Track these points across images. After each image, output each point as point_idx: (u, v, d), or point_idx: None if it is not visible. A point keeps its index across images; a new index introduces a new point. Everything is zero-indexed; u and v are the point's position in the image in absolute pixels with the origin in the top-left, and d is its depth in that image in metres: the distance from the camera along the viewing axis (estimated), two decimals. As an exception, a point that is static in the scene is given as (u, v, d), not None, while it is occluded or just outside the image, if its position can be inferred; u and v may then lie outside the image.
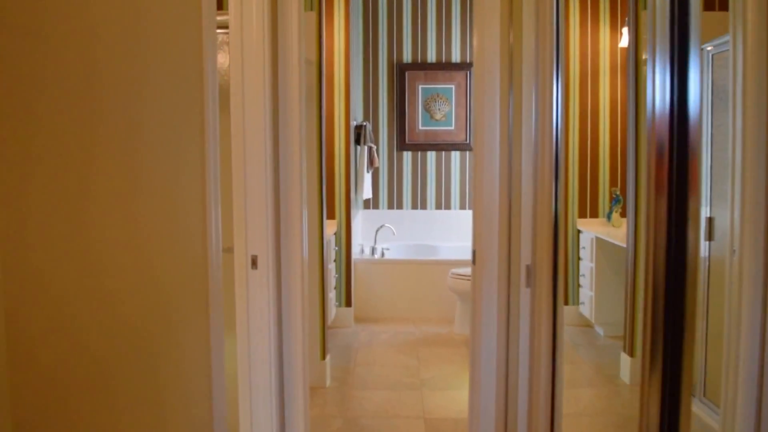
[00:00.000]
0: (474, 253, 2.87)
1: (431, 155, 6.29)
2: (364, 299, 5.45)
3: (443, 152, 6.30)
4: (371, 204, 6.26)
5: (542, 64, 2.19)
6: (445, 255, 6.13)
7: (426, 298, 5.46)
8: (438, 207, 6.30)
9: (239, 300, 2.75)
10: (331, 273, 4.81)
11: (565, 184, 4.56)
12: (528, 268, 2.07)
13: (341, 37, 5.01)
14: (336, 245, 5.10)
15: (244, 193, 2.70)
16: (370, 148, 5.69)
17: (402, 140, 6.28)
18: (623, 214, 4.81)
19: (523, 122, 2.55)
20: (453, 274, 5.01)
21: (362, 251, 5.70)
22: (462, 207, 6.30)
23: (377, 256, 5.65)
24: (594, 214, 5.08)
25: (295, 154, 2.78)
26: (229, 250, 2.76)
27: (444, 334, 5.03)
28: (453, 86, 6.26)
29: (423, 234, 6.28)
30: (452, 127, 6.28)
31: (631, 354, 3.85)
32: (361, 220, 6.18)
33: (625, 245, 4.11)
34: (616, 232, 4.60)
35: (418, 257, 5.99)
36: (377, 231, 5.81)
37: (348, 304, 5.21)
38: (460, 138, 6.29)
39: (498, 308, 2.65)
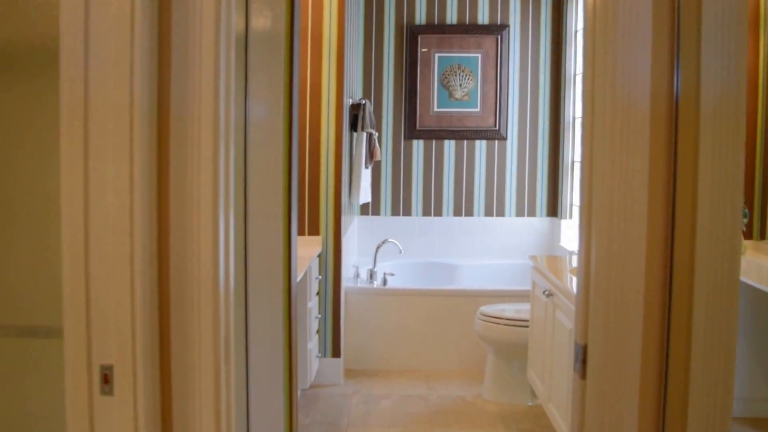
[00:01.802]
0: (582, 351, 1.40)
1: (449, 145, 4.80)
2: (358, 345, 3.98)
3: (465, 141, 4.81)
4: (370, 209, 4.79)
5: None
6: (467, 278, 4.65)
7: (443, 344, 3.99)
8: (457, 213, 4.83)
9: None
10: (311, 314, 3.35)
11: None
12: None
13: (330, -28, 3.51)
14: (319, 273, 3.62)
15: (82, 228, 1.23)
16: (370, 136, 4.21)
17: (412, 125, 4.79)
18: (747, 235, 3.29)
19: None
20: (483, 314, 3.54)
21: (357, 275, 4.22)
22: (488, 213, 4.82)
23: (377, 282, 4.18)
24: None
25: (205, 147, 1.30)
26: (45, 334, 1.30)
27: (470, 400, 3.57)
28: (479, 55, 4.76)
29: (438, 249, 4.81)
30: (477, 109, 4.79)
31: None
32: (356, 232, 4.70)
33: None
34: (747, 264, 3.05)
35: (432, 284, 4.51)
36: (378, 248, 4.33)
37: (336, 353, 3.74)
38: (487, 123, 4.79)
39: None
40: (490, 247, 4.82)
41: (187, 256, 1.27)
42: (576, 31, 4.53)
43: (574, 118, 4.59)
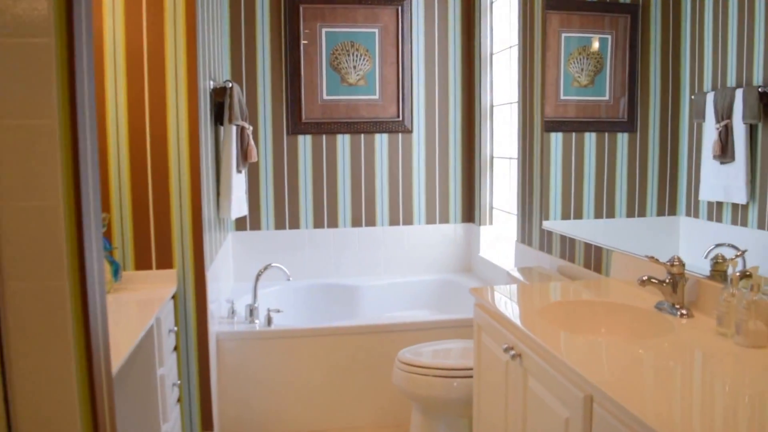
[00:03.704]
0: None
1: (343, 141, 3.91)
2: (238, 408, 2.99)
3: (362, 135, 3.94)
4: (248, 224, 3.79)
5: None
6: (372, 304, 3.78)
7: (351, 395, 3.09)
8: (356, 223, 3.94)
9: None
10: (164, 383, 2.33)
11: None
12: None
13: None
14: (175, 323, 2.60)
15: None
16: (242, 130, 3.22)
17: (296, 117, 3.85)
18: None
19: None
20: (403, 362, 2.66)
21: (232, 312, 3.22)
22: (393, 222, 3.98)
23: (260, 322, 3.19)
24: None
25: None
26: None
27: (391, 474, 2.69)
28: (376, 30, 3.90)
29: (334, 267, 3.90)
30: (376, 96, 3.93)
31: None
32: (231, 254, 3.69)
33: None
34: None
35: (330, 317, 3.60)
36: (258, 276, 3.34)
37: (207, 425, 2.73)
38: (388, 113, 3.95)
39: None
40: (398, 262, 3.99)
41: None
42: (491, 1, 3.77)
43: (491, 106, 3.83)
